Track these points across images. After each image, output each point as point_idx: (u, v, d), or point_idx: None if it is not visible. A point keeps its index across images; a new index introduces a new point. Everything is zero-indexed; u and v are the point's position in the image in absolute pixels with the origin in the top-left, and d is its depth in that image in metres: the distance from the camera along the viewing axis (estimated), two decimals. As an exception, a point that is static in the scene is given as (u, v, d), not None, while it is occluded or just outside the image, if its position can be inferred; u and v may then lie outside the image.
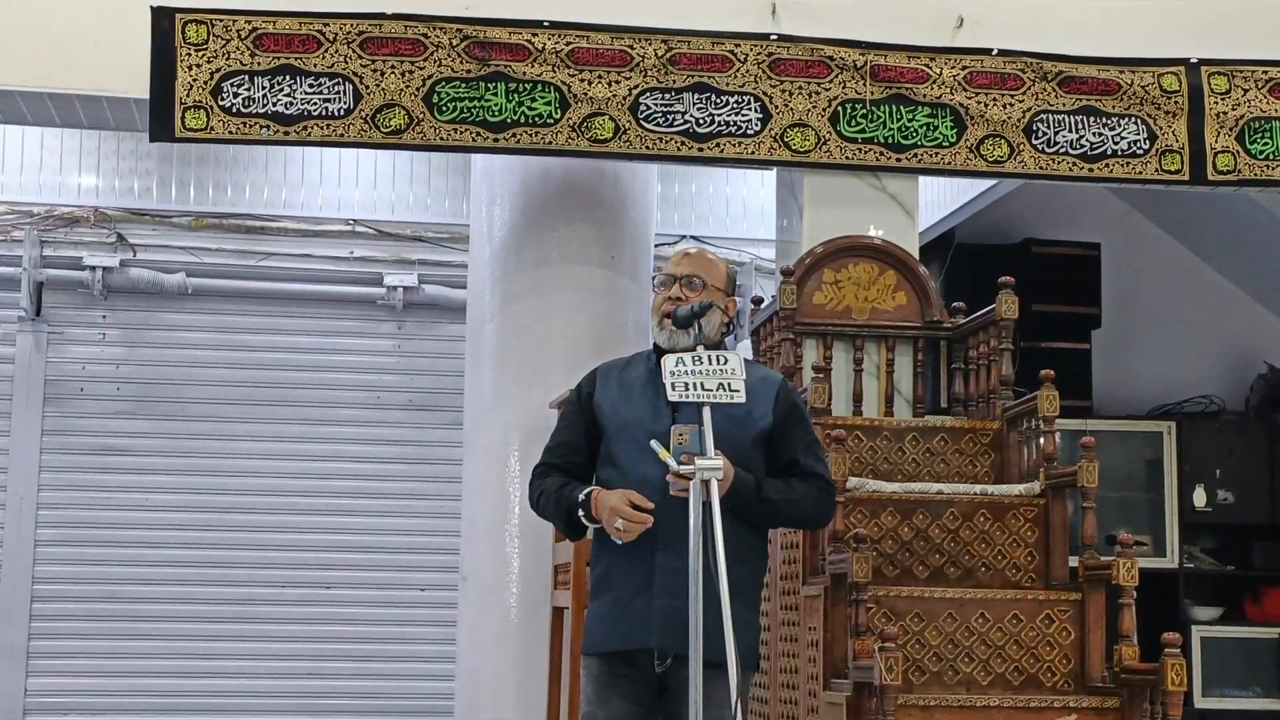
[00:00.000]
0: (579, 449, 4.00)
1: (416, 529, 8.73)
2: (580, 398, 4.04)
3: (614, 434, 3.93)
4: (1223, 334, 8.97)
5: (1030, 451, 5.52)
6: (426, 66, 5.93)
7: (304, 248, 8.79)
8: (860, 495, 5.31)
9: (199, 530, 8.63)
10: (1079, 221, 8.74)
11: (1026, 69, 6.25)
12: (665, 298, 3.97)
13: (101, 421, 8.66)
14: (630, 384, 3.99)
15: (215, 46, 5.86)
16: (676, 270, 4.01)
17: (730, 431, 3.80)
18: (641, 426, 3.83)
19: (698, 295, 3.94)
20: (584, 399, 4.03)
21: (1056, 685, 5.09)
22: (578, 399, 4.05)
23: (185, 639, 8.56)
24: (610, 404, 3.96)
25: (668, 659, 3.82)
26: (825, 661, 5.03)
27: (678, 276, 3.99)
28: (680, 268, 4.01)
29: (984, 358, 5.90)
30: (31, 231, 8.51)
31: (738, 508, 3.80)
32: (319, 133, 5.90)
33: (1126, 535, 5.06)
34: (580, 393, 4.05)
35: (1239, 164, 6.35)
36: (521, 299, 6.62)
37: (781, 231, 6.68)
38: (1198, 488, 8.44)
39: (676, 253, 4.15)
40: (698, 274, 3.99)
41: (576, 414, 4.04)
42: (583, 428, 4.00)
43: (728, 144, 6.11)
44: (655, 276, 4.07)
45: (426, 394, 8.84)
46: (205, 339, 8.78)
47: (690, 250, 4.16)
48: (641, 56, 6.04)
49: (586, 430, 3.99)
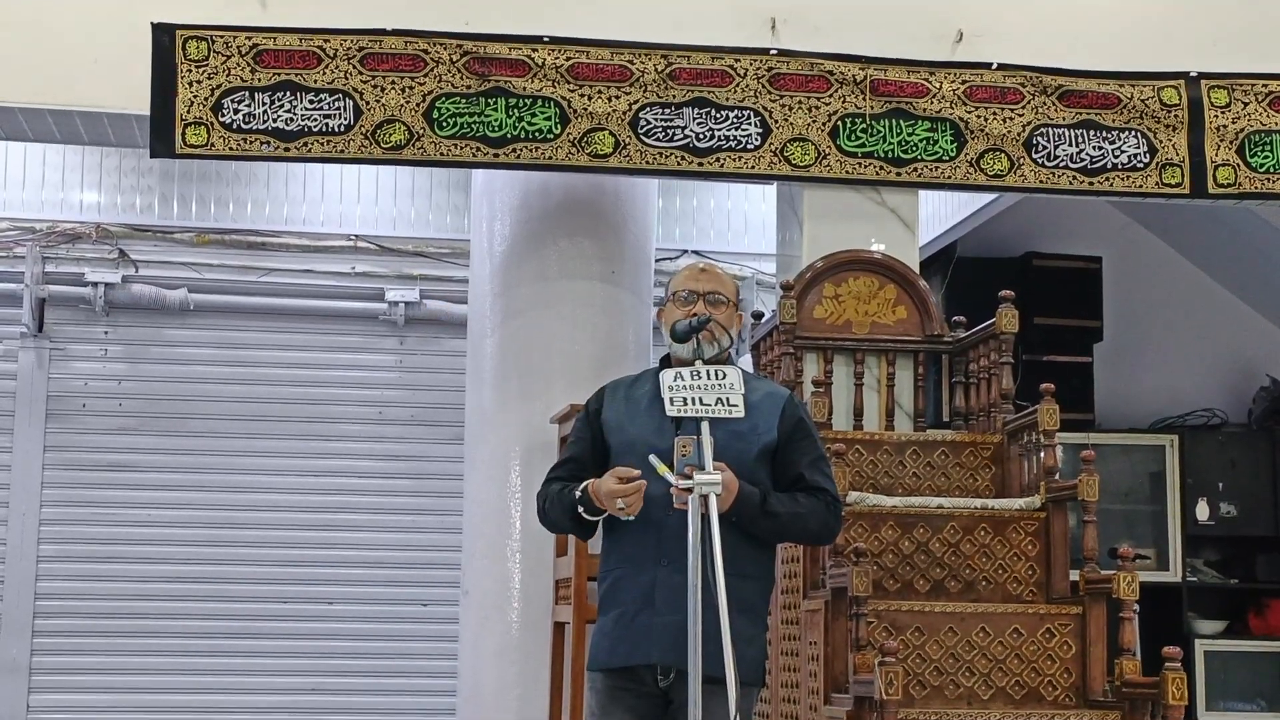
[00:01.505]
0: (585, 465, 4.01)
1: (418, 544, 8.73)
2: (588, 415, 4.06)
3: (619, 450, 3.93)
4: (1225, 346, 8.97)
5: (1031, 465, 5.52)
6: (426, 82, 5.94)
7: (305, 263, 8.80)
8: (861, 509, 5.30)
9: (201, 545, 8.63)
10: (1080, 235, 8.74)
11: (1026, 83, 6.26)
12: (690, 314, 3.95)
13: (104, 437, 8.66)
14: (637, 401, 3.99)
15: (216, 63, 5.87)
16: (697, 286, 4.00)
17: (734, 446, 3.81)
18: (646, 443, 3.84)
19: (723, 311, 3.95)
20: (591, 416, 4.04)
21: (1057, 699, 5.08)
22: (585, 416, 4.07)
23: (187, 654, 8.56)
24: (616, 420, 3.97)
25: (671, 674, 3.83)
26: (826, 676, 5.03)
27: (701, 293, 3.98)
28: (700, 284, 4.00)
29: (984, 371, 5.90)
30: (33, 248, 8.52)
31: (742, 521, 3.80)
32: (319, 149, 5.91)
33: (1127, 549, 5.06)
34: (588, 410, 4.07)
35: (1239, 177, 6.35)
36: (522, 314, 6.62)
37: (782, 246, 6.69)
38: (1200, 501, 8.44)
39: (689, 269, 4.14)
40: (719, 290, 3.99)
41: (584, 430, 4.05)
42: (590, 444, 4.01)
43: (728, 159, 6.11)
44: (677, 293, 4.00)
45: (428, 409, 8.84)
46: (207, 355, 8.79)
47: (703, 266, 4.16)
48: (641, 71, 6.05)
49: (594, 446, 4.00)
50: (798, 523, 3.93)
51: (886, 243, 6.28)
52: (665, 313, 4.04)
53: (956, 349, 6.10)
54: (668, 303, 4.04)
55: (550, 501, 3.98)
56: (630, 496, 3.73)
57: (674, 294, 4.02)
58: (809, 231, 6.33)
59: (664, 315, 4.05)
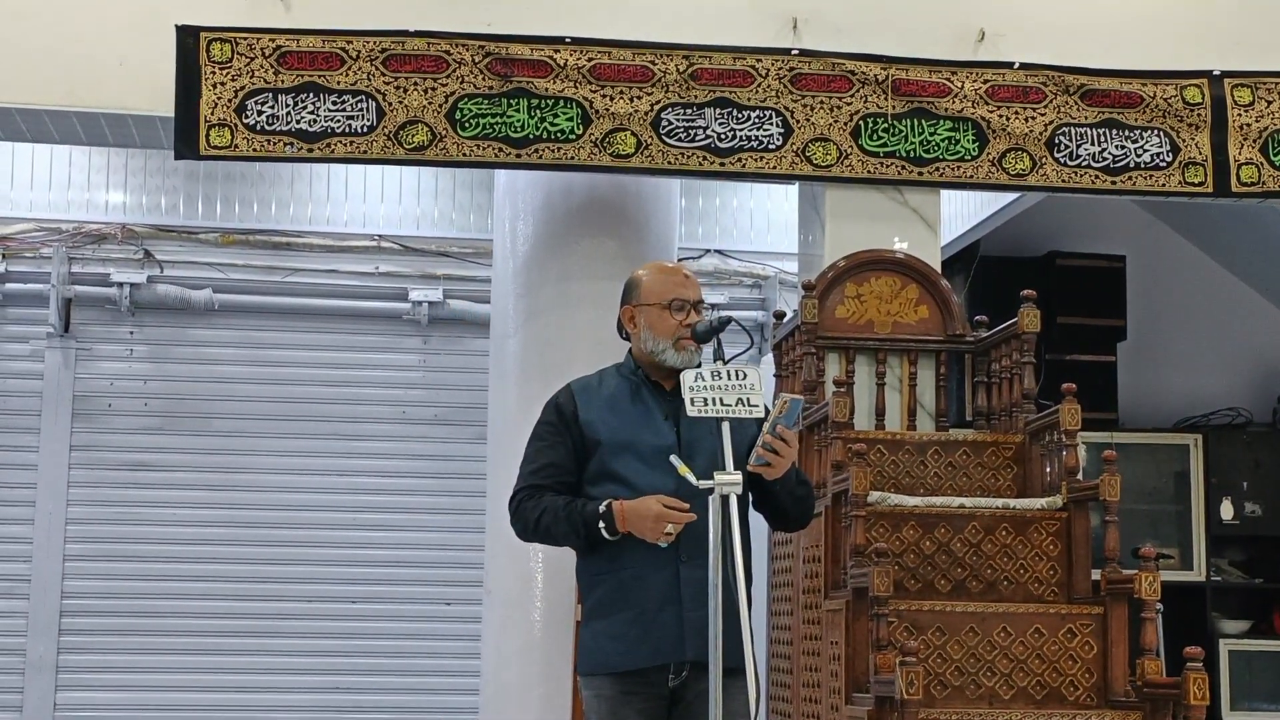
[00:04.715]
0: (567, 469, 3.99)
1: (442, 543, 8.75)
2: (563, 417, 4.02)
3: (614, 449, 3.94)
4: (1249, 345, 8.94)
5: (1053, 465, 5.52)
6: (449, 83, 5.97)
7: (329, 263, 8.82)
8: (882, 509, 5.31)
9: (226, 545, 8.66)
10: (1104, 234, 8.72)
11: (1048, 82, 6.25)
12: (683, 323, 3.97)
13: (129, 437, 8.69)
14: (615, 401, 4.00)
15: (239, 65, 5.90)
16: (689, 295, 4.02)
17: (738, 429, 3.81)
18: (646, 442, 3.88)
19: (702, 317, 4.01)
20: (568, 419, 4.01)
21: (1079, 699, 5.08)
22: (560, 418, 4.03)
23: (212, 653, 8.59)
24: (602, 421, 3.96)
25: (683, 672, 3.85)
26: (847, 676, 5.03)
27: (692, 301, 4.01)
28: (690, 291, 4.03)
29: (1006, 371, 5.90)
30: (60, 248, 8.56)
31: (787, 485, 3.92)
32: (342, 150, 5.94)
33: (1149, 549, 5.06)
34: (562, 412, 4.03)
35: (1263, 175, 6.34)
36: (545, 314, 6.63)
37: (804, 245, 6.69)
38: (1225, 500, 8.41)
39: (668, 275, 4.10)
40: (700, 296, 4.06)
41: (560, 433, 4.01)
42: (569, 447, 3.99)
43: (749, 159, 6.12)
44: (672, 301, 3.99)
45: (452, 409, 8.86)
46: (232, 354, 8.82)
47: (685, 271, 4.14)
48: (663, 72, 6.06)
49: (574, 449, 3.99)
50: (810, 498, 4.12)
51: (908, 242, 6.28)
52: (647, 316, 4.02)
53: (979, 349, 6.10)
54: (648, 306, 4.01)
55: (550, 515, 3.92)
56: (679, 524, 3.75)
57: (668, 302, 3.99)
58: (831, 231, 6.33)
59: (643, 318, 4.03)
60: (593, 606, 3.99)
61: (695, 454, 3.83)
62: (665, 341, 3.99)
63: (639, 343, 4.05)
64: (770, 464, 3.79)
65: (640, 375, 4.05)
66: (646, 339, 4.01)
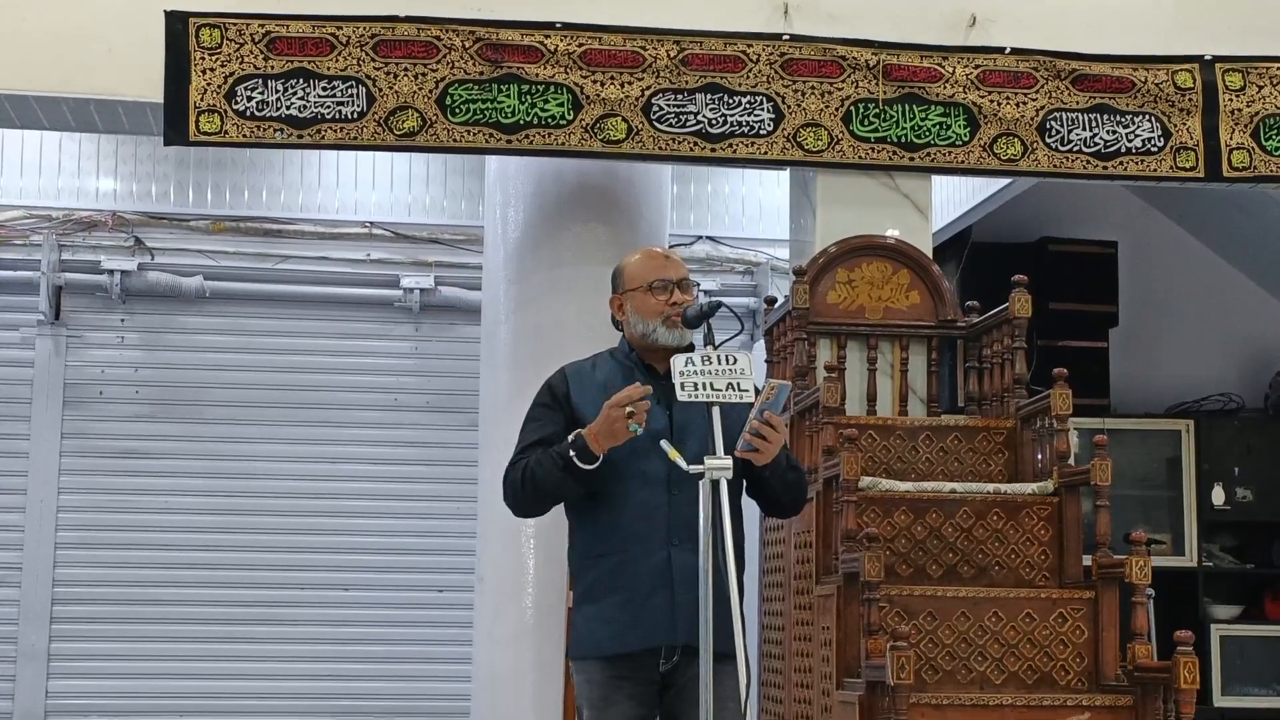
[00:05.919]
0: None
1: (434, 530, 8.74)
2: (556, 397, 4.06)
3: None
4: (1241, 331, 8.94)
5: (1044, 450, 5.52)
6: (439, 69, 5.95)
7: (321, 250, 8.80)
8: (873, 494, 5.31)
9: (218, 532, 8.65)
10: (1096, 219, 8.72)
11: (1040, 67, 6.25)
12: (668, 302, 3.99)
13: (120, 425, 8.68)
14: (607, 384, 4.00)
15: (229, 50, 5.88)
16: (671, 274, 4.03)
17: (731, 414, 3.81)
18: None
19: (690, 294, 4.02)
20: (561, 399, 4.05)
21: (1070, 684, 5.09)
22: (552, 398, 4.06)
23: (205, 640, 8.58)
24: (594, 404, 3.94)
25: (674, 657, 3.85)
26: (838, 660, 5.04)
27: (674, 280, 4.02)
28: (671, 271, 4.04)
29: (998, 356, 5.90)
30: (50, 236, 8.53)
31: (777, 471, 3.92)
32: (333, 136, 5.93)
33: (1140, 533, 5.06)
34: (555, 393, 4.07)
35: (1254, 160, 6.34)
36: (536, 300, 6.62)
37: (795, 231, 6.68)
38: (1216, 486, 8.42)
39: (650, 257, 4.12)
40: (686, 275, 4.07)
41: (553, 412, 4.04)
42: (562, 425, 4.00)
43: (740, 144, 6.11)
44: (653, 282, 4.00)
45: (443, 395, 8.85)
46: (223, 342, 8.80)
47: (667, 253, 4.18)
48: (654, 58, 6.05)
49: (566, 428, 3.98)
50: (802, 483, 4.11)
51: (900, 228, 6.28)
52: (633, 301, 4.04)
53: (970, 334, 6.10)
54: (633, 291, 4.04)
55: (528, 470, 3.93)
56: (639, 403, 3.75)
57: (649, 284, 4.01)
58: (822, 217, 6.33)
59: (630, 304, 4.04)
60: (584, 591, 3.99)
61: (687, 438, 3.83)
62: (654, 322, 4.00)
63: (630, 328, 4.07)
64: (758, 450, 3.79)
65: (634, 359, 4.06)
66: (636, 323, 4.03)
